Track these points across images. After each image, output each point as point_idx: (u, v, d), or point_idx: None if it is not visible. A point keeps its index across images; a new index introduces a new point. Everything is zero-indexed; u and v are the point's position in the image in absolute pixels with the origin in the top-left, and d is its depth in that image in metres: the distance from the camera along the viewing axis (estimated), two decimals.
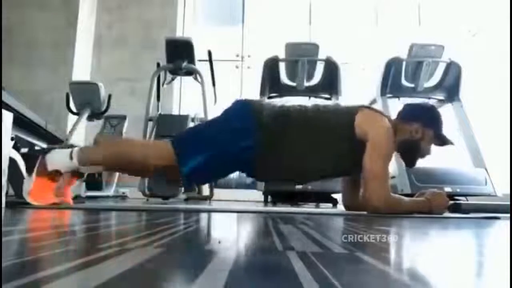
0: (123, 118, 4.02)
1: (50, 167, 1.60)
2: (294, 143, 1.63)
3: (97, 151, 1.68)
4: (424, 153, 1.71)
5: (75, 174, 1.68)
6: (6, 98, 2.12)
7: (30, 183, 1.53)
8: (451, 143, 1.74)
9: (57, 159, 1.61)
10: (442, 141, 1.71)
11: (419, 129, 1.67)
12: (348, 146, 1.62)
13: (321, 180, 2.04)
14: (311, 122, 1.65)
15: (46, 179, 1.60)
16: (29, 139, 2.74)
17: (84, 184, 2.73)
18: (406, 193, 2.70)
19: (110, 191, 3.72)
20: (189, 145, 1.64)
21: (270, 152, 1.62)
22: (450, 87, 3.48)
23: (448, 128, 1.92)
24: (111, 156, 1.64)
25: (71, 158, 1.61)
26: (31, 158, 1.60)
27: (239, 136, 1.61)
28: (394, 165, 2.83)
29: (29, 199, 1.50)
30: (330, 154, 1.64)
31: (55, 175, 1.62)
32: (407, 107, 1.80)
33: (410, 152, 1.71)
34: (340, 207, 2.78)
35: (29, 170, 1.56)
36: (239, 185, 4.94)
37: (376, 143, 1.56)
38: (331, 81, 3.54)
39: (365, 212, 1.61)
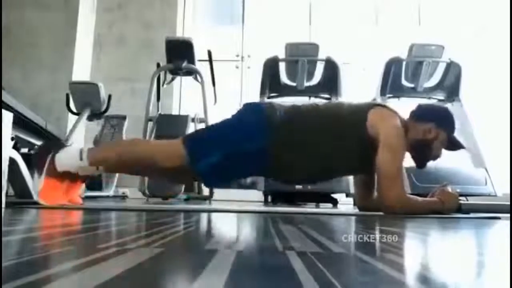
0: (123, 118, 4.02)
1: (59, 168, 1.59)
2: (308, 142, 1.62)
3: (111, 153, 1.67)
4: (435, 154, 1.69)
5: (79, 176, 1.67)
6: (6, 98, 2.12)
7: (39, 184, 1.53)
8: (463, 147, 1.72)
9: (67, 159, 1.60)
10: (454, 144, 1.70)
11: (432, 129, 1.65)
12: (360, 145, 1.60)
13: (331, 179, 1.99)
14: (324, 122, 1.64)
15: (55, 180, 1.59)
16: (29, 139, 2.74)
17: (84, 184, 2.73)
18: (408, 193, 2.69)
19: (110, 191, 3.72)
20: (202, 144, 1.62)
21: (284, 152, 1.61)
22: (450, 87, 3.48)
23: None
24: (125, 159, 1.63)
25: (81, 158, 1.60)
26: (40, 158, 1.59)
27: (253, 136, 1.60)
28: None
29: (39, 200, 1.50)
30: (343, 154, 1.63)
31: (64, 175, 1.61)
32: (421, 107, 1.76)
33: (422, 152, 1.68)
34: (340, 207, 2.78)
35: (39, 171, 1.56)
36: (239, 185, 4.93)
37: (388, 143, 1.54)
38: (331, 81, 3.54)
39: (380, 213, 1.58)
